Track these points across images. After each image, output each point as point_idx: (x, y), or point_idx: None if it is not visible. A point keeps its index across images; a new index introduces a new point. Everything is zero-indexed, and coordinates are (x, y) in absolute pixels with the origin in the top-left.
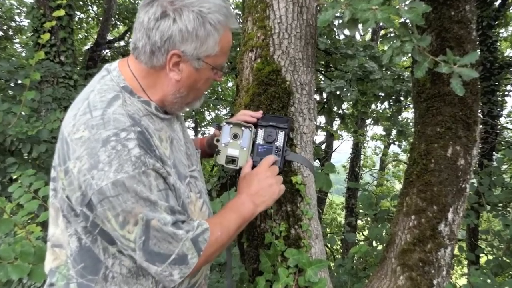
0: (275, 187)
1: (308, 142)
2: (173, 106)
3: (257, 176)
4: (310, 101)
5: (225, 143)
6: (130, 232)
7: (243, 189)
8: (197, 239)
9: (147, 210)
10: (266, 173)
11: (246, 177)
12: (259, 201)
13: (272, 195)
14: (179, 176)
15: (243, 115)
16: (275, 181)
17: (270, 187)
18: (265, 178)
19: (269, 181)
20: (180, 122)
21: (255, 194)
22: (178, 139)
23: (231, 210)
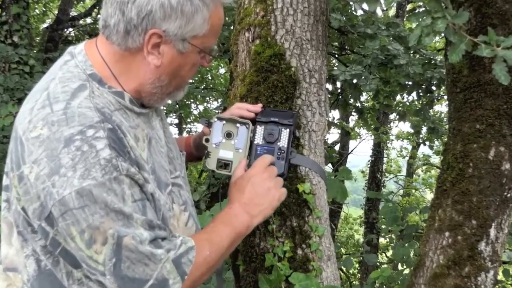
0: (274, 191)
1: (318, 142)
2: (152, 98)
3: (252, 179)
4: (320, 91)
5: (216, 143)
6: (98, 252)
7: (235, 196)
8: (180, 260)
9: (119, 225)
10: (262, 175)
11: (238, 182)
12: (255, 210)
13: (271, 202)
14: (159, 184)
15: (238, 109)
16: (274, 184)
17: (268, 192)
18: (261, 181)
19: (266, 185)
20: (160, 117)
21: (250, 202)
22: (157, 139)
23: (222, 224)
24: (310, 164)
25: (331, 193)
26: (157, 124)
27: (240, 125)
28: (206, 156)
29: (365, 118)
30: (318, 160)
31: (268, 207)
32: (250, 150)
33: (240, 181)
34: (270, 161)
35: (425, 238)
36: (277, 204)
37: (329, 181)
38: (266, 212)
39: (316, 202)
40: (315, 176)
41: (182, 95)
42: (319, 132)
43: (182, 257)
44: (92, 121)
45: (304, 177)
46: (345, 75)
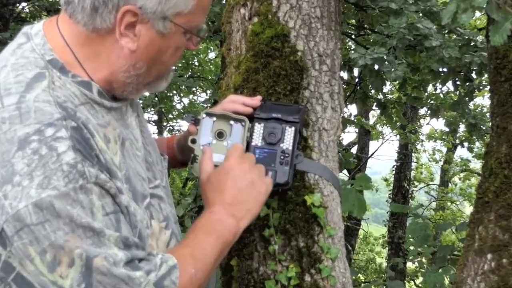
0: (259, 184)
1: (331, 143)
2: (126, 89)
3: (229, 173)
4: (333, 81)
5: (205, 144)
6: (64, 276)
7: (213, 197)
8: (162, 283)
9: (88, 244)
10: (242, 166)
11: (213, 178)
12: (241, 211)
13: (257, 197)
14: (135, 195)
15: (232, 103)
16: (257, 175)
17: (252, 186)
18: (242, 174)
19: (249, 177)
20: (136, 113)
21: (234, 201)
22: (133, 140)
23: (204, 233)
24: (320, 171)
25: (346, 206)
26: (132, 122)
27: (234, 122)
28: (193, 161)
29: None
30: (331, 165)
31: (255, 205)
32: (247, 152)
33: (216, 177)
34: (243, 149)
35: (462, 261)
36: (265, 199)
37: (344, 192)
38: (254, 211)
39: (328, 217)
40: (327, 185)
41: (164, 86)
42: (332, 131)
43: (165, 279)
44: (52, 118)
45: (313, 186)
46: (364, 59)
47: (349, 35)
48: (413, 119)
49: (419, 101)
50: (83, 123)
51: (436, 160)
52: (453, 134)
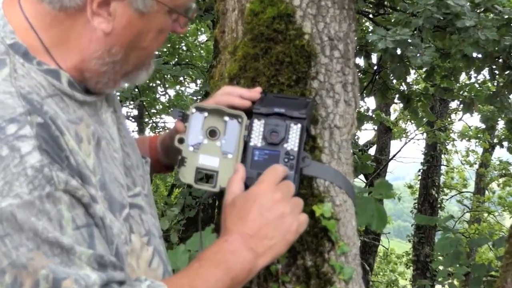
0: (289, 219)
1: (344, 143)
2: (100, 80)
3: (258, 201)
4: (347, 69)
5: (194, 145)
6: None
7: (233, 224)
8: None
9: (56, 263)
10: (274, 195)
11: (238, 202)
12: (262, 246)
13: (284, 234)
14: (112, 204)
15: (226, 96)
16: (290, 209)
17: (281, 220)
18: (272, 204)
19: (280, 210)
20: (113, 108)
21: (256, 234)
22: (109, 139)
23: (212, 264)
24: (331, 176)
25: (363, 218)
26: (108, 118)
27: (229, 118)
28: (180, 164)
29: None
30: (344, 169)
31: (280, 243)
32: (244, 155)
33: (242, 202)
34: (283, 174)
35: (500, 283)
36: (294, 239)
37: (360, 201)
38: (278, 250)
39: (341, 231)
40: (339, 193)
41: (145, 77)
42: (345, 128)
43: None
44: (15, 112)
45: (323, 194)
46: (384, 43)
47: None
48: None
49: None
50: (51, 119)
51: (470, 163)
52: (490, 132)
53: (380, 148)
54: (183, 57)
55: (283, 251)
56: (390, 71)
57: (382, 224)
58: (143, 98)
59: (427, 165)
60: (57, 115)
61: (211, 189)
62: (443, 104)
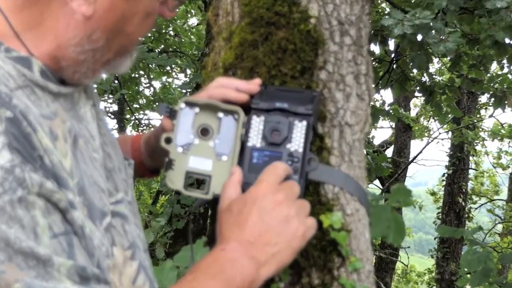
0: (295, 223)
1: (356, 143)
2: (78, 69)
3: (258, 203)
4: (359, 58)
5: (183, 145)
6: None
7: (230, 231)
8: None
9: (32, 276)
10: (275, 196)
11: (235, 207)
12: (264, 254)
13: (290, 240)
14: (92, 211)
15: (221, 88)
16: (296, 211)
17: (285, 224)
18: (274, 206)
19: (283, 212)
20: (91, 101)
21: (257, 240)
22: (88, 137)
23: (208, 275)
24: (341, 181)
25: (378, 229)
26: (87, 113)
27: (224, 114)
28: (167, 168)
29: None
30: (356, 173)
31: (285, 250)
32: (241, 157)
33: (239, 206)
34: (285, 172)
35: None
36: (300, 245)
37: (375, 210)
38: (283, 258)
39: (352, 244)
40: (350, 200)
41: (128, 66)
42: (357, 126)
43: None
44: None
45: (332, 202)
46: (402, 28)
47: None
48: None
49: (479, 85)
50: (21, 113)
51: (503, 166)
52: None
53: (398, 148)
54: (170, 44)
55: (289, 260)
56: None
57: (400, 236)
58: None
59: (452, 169)
60: (29, 109)
61: (203, 196)
62: (471, 98)
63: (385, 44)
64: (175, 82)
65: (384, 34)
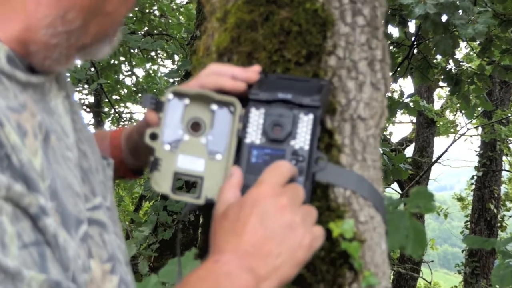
0: (300, 231)
1: (370, 139)
2: (50, 54)
3: (257, 206)
4: (374, 41)
5: (171, 142)
6: None
7: (225, 240)
8: None
9: None
10: (278, 199)
11: (231, 211)
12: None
13: (295, 250)
14: (66, 218)
15: (214, 76)
16: (300, 217)
17: (289, 232)
18: (276, 210)
19: (286, 218)
20: (65, 92)
21: (257, 250)
22: (61, 133)
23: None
24: (354, 183)
25: (395, 239)
26: (59, 105)
27: (217, 106)
28: (153, 168)
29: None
30: (370, 174)
31: (289, 261)
32: (238, 155)
33: (236, 210)
34: (289, 172)
35: None
36: (306, 257)
37: (392, 217)
38: (286, 271)
39: (366, 256)
40: (364, 205)
41: (107, 51)
42: (372, 120)
43: None
44: None
45: (343, 207)
46: (424, 7)
47: None
48: (504, 102)
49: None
50: None
51: None
52: None
53: (419, 147)
54: (155, 25)
55: (293, 274)
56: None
57: (420, 247)
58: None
59: (483, 171)
60: None
61: (193, 200)
62: (504, 88)
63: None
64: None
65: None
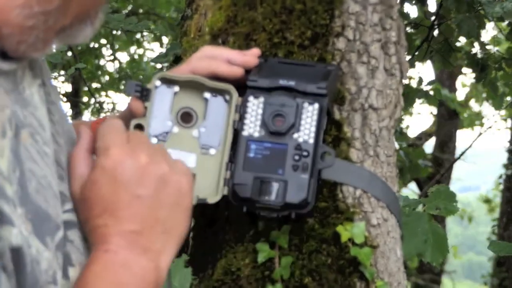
0: (174, 178)
1: (384, 132)
2: (25, 38)
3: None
4: (388, 21)
5: (159, 135)
6: None
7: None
8: None
9: None
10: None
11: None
12: (158, 239)
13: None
14: (39, 225)
15: (207, 60)
16: (165, 163)
17: (163, 186)
18: (140, 171)
19: (155, 173)
20: (40, 80)
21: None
22: (36, 127)
23: None
24: (365, 182)
25: (412, 244)
26: (34, 95)
27: (211, 95)
28: None
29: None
30: (384, 172)
31: (178, 217)
32: (235, 150)
33: (96, 189)
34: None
35: None
36: (191, 199)
37: (408, 220)
38: (179, 229)
39: (379, 264)
40: (377, 207)
41: (89, 33)
42: (386, 110)
43: None
44: None
45: (353, 209)
46: None
47: None
48: None
49: None
50: None
51: None
52: None
53: (440, 142)
54: (140, 3)
55: (187, 224)
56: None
57: (441, 253)
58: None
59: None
60: None
61: None
62: None
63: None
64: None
65: None
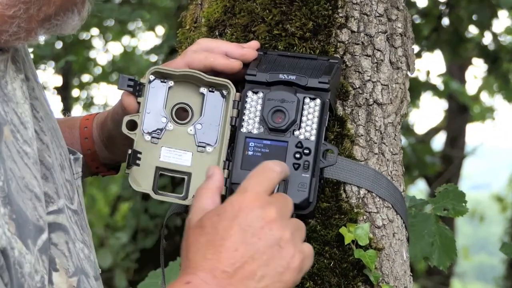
0: (289, 250)
1: (389, 128)
2: (6, 28)
3: (239, 218)
4: (394, 11)
5: (153, 132)
6: None
7: (199, 256)
8: None
9: None
10: (265, 210)
11: (207, 222)
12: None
13: (283, 273)
14: (22, 227)
15: (204, 54)
16: (290, 233)
17: (276, 250)
18: (262, 224)
19: (274, 235)
20: (23, 75)
21: (237, 271)
22: (18, 124)
23: None
24: (369, 181)
25: (419, 247)
26: (16, 91)
27: (208, 90)
28: (131, 162)
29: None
30: (389, 171)
31: (275, 285)
32: (232, 148)
33: (214, 221)
34: (279, 177)
35: None
36: (296, 280)
37: (415, 220)
38: None
39: (384, 267)
40: (382, 207)
41: (75, 26)
42: (392, 106)
43: None
44: None
45: (357, 209)
46: None
47: None
48: None
49: None
50: None
51: None
52: None
53: (450, 138)
54: None
55: None
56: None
57: (448, 257)
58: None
59: None
60: None
61: (179, 201)
62: None
63: None
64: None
65: None
